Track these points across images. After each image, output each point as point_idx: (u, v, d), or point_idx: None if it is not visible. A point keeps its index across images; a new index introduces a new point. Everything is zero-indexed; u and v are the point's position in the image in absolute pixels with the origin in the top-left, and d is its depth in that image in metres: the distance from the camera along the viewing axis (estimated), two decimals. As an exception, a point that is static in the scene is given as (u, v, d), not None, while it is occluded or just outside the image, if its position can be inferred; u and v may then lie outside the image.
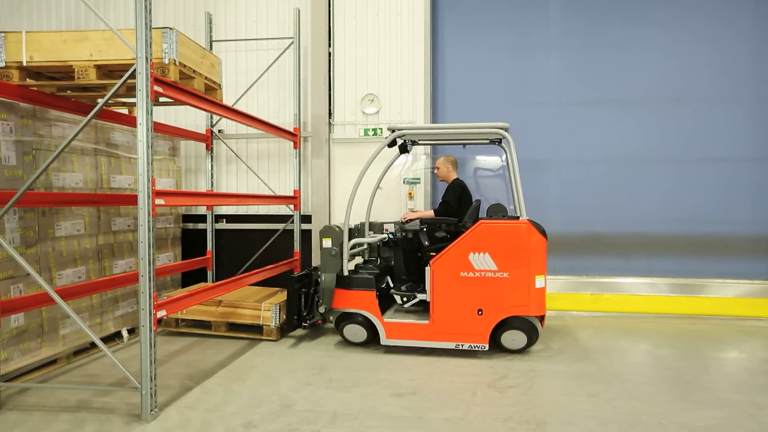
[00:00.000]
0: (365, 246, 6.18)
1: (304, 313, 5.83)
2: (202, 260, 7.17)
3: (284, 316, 6.00)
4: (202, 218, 7.54)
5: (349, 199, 5.53)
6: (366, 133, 7.24)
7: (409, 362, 5.14)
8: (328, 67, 7.27)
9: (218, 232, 7.53)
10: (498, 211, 5.39)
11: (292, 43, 7.12)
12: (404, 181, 7.14)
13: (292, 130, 7.10)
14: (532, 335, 5.21)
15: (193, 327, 6.12)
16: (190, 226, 7.61)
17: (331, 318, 5.68)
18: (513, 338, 5.21)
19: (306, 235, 7.29)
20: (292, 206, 7.17)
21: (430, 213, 5.88)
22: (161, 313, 4.05)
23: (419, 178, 7.12)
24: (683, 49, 6.97)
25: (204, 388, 4.50)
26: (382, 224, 6.43)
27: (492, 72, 7.30)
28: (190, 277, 7.43)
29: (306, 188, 7.41)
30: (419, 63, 7.14)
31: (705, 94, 6.94)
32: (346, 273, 5.48)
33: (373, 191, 6.23)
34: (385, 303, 5.59)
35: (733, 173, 6.92)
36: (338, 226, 5.80)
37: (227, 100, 7.22)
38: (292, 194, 7.26)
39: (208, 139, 7.35)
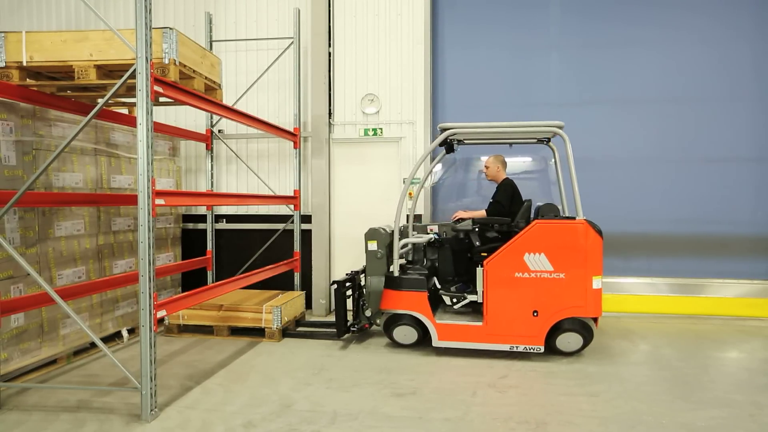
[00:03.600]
0: (409, 247, 6.13)
1: (350, 318, 5.74)
2: (202, 260, 7.17)
3: (286, 318, 6.01)
4: (202, 218, 7.54)
5: (400, 199, 5.46)
6: (366, 133, 7.24)
7: (410, 362, 5.14)
8: (328, 67, 7.27)
9: (218, 232, 7.53)
10: (550, 211, 5.28)
11: (292, 43, 7.12)
12: (404, 181, 7.13)
13: (292, 130, 7.10)
14: (588, 337, 5.13)
15: (196, 333, 6.11)
16: (190, 226, 7.61)
17: (378, 321, 5.60)
18: (568, 340, 5.13)
19: (306, 235, 7.29)
20: (292, 206, 7.17)
21: (482, 213, 5.79)
22: (161, 313, 4.05)
23: (419, 178, 7.12)
24: (683, 49, 6.96)
25: (204, 388, 4.50)
26: (425, 225, 6.37)
27: (492, 72, 7.30)
28: (190, 277, 7.44)
29: (306, 188, 7.41)
30: (419, 63, 7.14)
31: (705, 94, 6.94)
32: (396, 274, 5.40)
33: (417, 190, 6.18)
34: (432, 304, 5.46)
35: (733, 173, 6.92)
36: (383, 228, 5.75)
37: (227, 100, 7.23)
38: (292, 194, 7.27)
39: (208, 139, 7.35)
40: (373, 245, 5.62)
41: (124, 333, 5.89)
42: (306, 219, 7.32)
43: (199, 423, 3.82)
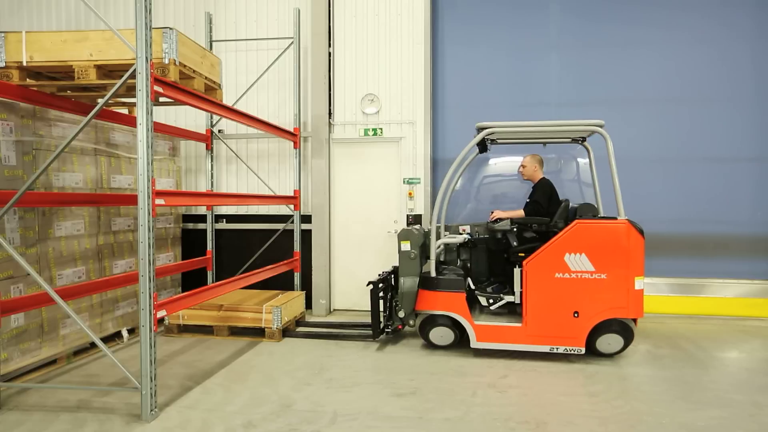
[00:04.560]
0: (442, 248, 6.06)
1: (383, 320, 5.66)
2: (202, 260, 7.17)
3: (286, 318, 6.01)
4: (202, 218, 7.54)
5: (438, 199, 5.40)
6: (366, 133, 7.24)
7: (409, 362, 5.14)
8: (328, 67, 7.27)
9: (218, 232, 7.53)
10: (588, 211, 5.24)
11: (292, 43, 7.13)
12: (404, 181, 7.14)
13: (292, 130, 7.10)
14: (629, 338, 5.09)
15: (196, 333, 6.11)
16: (190, 226, 7.61)
17: (411, 322, 5.55)
18: (609, 342, 5.08)
19: (306, 235, 7.29)
20: (292, 206, 7.17)
21: (520, 213, 5.72)
22: (161, 313, 4.05)
23: (419, 178, 7.12)
24: (683, 49, 6.96)
25: (204, 388, 4.50)
26: (458, 225, 6.30)
27: (492, 72, 7.30)
28: (190, 277, 7.44)
29: (306, 188, 7.42)
30: (419, 63, 7.14)
31: (704, 94, 6.94)
32: (434, 274, 5.33)
33: (451, 192, 6.12)
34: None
35: (732, 173, 6.91)
36: (416, 229, 5.70)
37: (227, 100, 7.23)
38: (292, 194, 7.27)
39: (208, 139, 7.35)
40: (406, 245, 5.54)
41: (124, 333, 5.89)
42: (306, 219, 7.32)
43: (199, 423, 3.82)
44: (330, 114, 7.30)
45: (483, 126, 5.29)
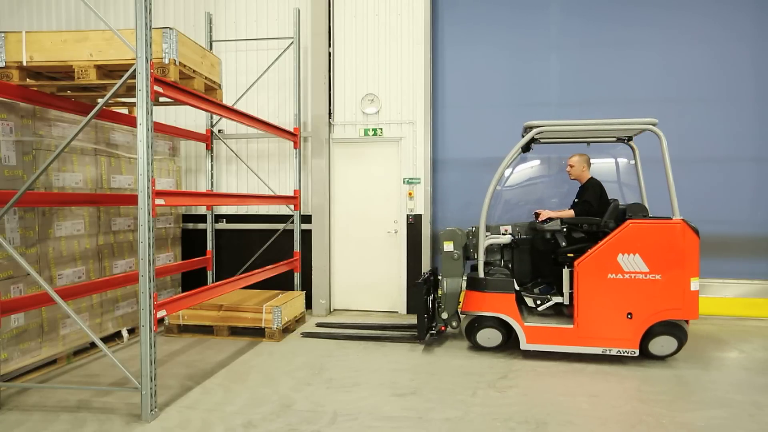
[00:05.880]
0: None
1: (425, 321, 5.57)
2: (202, 260, 7.17)
3: (286, 318, 6.01)
4: (202, 218, 7.54)
5: (486, 200, 5.33)
6: (366, 133, 7.24)
7: (409, 362, 5.14)
8: (328, 67, 7.27)
9: (218, 232, 7.53)
10: (638, 211, 5.19)
11: (292, 43, 7.13)
12: (404, 181, 7.14)
13: (292, 130, 7.10)
14: (683, 340, 5.03)
15: (196, 333, 6.12)
16: (190, 226, 7.61)
17: (454, 323, 5.51)
18: (662, 343, 5.03)
19: (306, 235, 7.29)
20: (292, 206, 7.17)
21: (570, 213, 5.63)
22: (161, 313, 4.05)
23: (419, 178, 7.12)
24: (682, 49, 6.96)
25: (204, 388, 4.50)
26: (498, 225, 6.21)
27: (492, 72, 7.30)
28: (190, 277, 7.44)
29: (306, 188, 7.41)
30: (419, 63, 7.14)
31: (704, 94, 6.94)
32: (481, 275, 5.29)
33: (491, 191, 6.10)
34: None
35: (732, 173, 6.91)
36: (460, 229, 5.65)
37: (227, 100, 7.23)
38: (292, 194, 7.27)
39: (208, 139, 7.35)
40: (449, 246, 5.49)
41: (124, 333, 5.89)
42: (306, 219, 7.32)
43: (199, 423, 3.83)
44: (330, 114, 7.30)
45: (532, 125, 5.22)
